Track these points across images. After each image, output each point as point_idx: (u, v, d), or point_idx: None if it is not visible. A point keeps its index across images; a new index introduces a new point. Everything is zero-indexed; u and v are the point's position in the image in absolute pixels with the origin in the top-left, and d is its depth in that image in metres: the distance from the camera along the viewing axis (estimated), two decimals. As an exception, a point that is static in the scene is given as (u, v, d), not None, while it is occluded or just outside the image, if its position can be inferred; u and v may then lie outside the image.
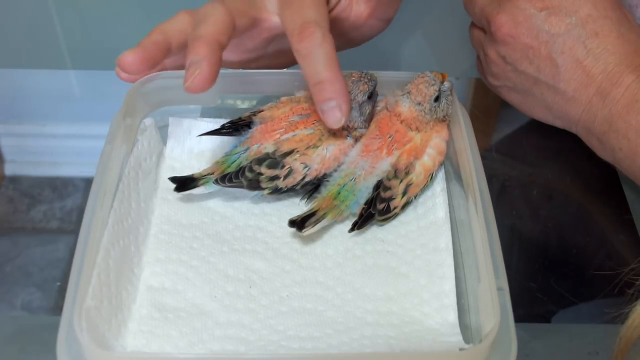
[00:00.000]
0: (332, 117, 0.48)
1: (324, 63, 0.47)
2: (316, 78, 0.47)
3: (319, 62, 0.47)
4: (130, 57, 0.47)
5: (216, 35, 0.47)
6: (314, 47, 0.46)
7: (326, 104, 0.47)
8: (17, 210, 0.58)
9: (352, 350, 0.46)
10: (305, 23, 0.47)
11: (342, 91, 0.47)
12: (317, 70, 0.47)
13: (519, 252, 0.56)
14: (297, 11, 0.48)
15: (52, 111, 0.68)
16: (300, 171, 0.53)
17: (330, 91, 0.47)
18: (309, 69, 0.47)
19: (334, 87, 0.47)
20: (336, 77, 0.47)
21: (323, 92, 0.47)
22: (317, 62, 0.47)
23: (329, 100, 0.47)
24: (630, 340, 0.44)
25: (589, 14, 0.54)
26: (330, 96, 0.47)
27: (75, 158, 0.64)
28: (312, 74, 0.47)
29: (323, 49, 0.46)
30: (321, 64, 0.47)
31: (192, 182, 0.53)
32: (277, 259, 0.52)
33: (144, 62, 0.48)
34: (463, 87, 0.70)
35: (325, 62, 0.47)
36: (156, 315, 0.48)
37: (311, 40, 0.46)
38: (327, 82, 0.47)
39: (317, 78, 0.47)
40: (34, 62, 0.74)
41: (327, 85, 0.47)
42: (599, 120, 0.54)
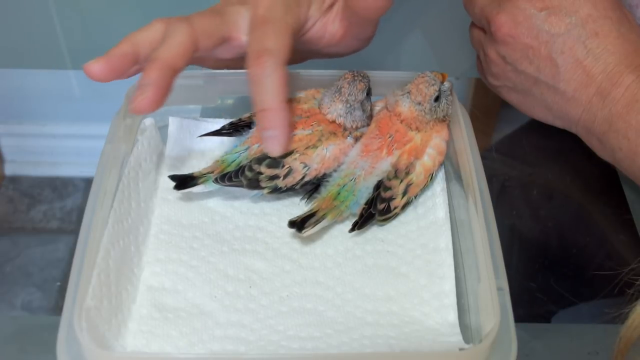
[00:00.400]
0: (270, 146, 0.50)
1: (271, 93, 0.48)
2: (261, 105, 0.49)
3: (266, 91, 0.48)
4: (95, 66, 0.49)
5: (171, 60, 0.48)
6: (263, 76, 0.48)
7: (267, 132, 0.50)
8: (17, 210, 0.58)
9: (352, 350, 0.46)
10: (261, 51, 0.49)
11: (283, 123, 0.49)
12: (263, 98, 0.49)
13: (519, 252, 0.56)
14: (259, 38, 0.50)
15: (52, 111, 0.68)
16: (299, 171, 0.53)
17: (273, 121, 0.49)
18: (257, 95, 0.49)
19: (276, 118, 0.49)
20: (279, 108, 0.49)
21: (266, 120, 0.49)
22: (265, 90, 0.48)
23: (269, 129, 0.49)
24: (630, 341, 0.44)
25: (589, 14, 0.54)
26: (271, 125, 0.49)
27: (75, 158, 0.64)
28: (258, 100, 0.49)
29: (272, 79, 0.48)
30: (268, 93, 0.48)
31: (191, 180, 0.53)
32: (277, 259, 0.52)
33: (110, 72, 0.49)
34: (463, 87, 0.70)
35: (272, 92, 0.48)
36: (156, 315, 0.48)
37: (262, 68, 0.48)
38: (271, 111, 0.49)
39: (262, 105, 0.49)
40: (34, 62, 0.74)
41: (269, 114, 0.49)
42: (599, 120, 0.54)
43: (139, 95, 0.47)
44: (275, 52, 0.49)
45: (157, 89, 0.47)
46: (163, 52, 0.48)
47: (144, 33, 0.50)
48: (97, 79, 0.49)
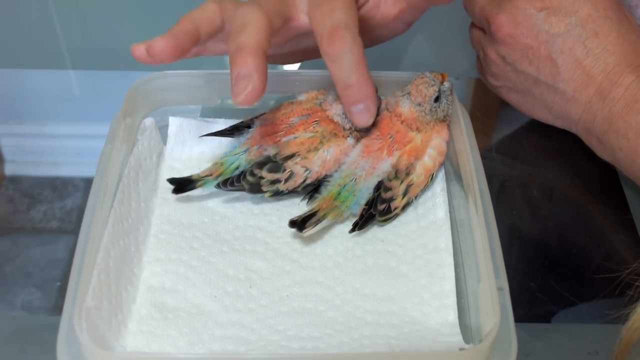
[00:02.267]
0: (361, 119, 0.49)
1: (353, 67, 0.47)
2: (345, 82, 0.47)
3: (348, 66, 0.47)
4: (160, 44, 0.46)
5: (260, 44, 0.46)
6: (343, 51, 0.46)
7: (355, 107, 0.49)
8: (17, 210, 0.58)
9: (352, 350, 0.46)
10: (335, 26, 0.46)
11: (371, 94, 0.48)
12: (346, 74, 0.47)
13: (519, 252, 0.56)
14: (328, 12, 0.47)
15: (52, 111, 0.68)
16: (301, 174, 0.53)
17: (359, 95, 0.48)
18: (338, 72, 0.47)
19: (362, 91, 0.48)
20: (365, 81, 0.48)
21: (352, 95, 0.48)
22: (346, 66, 0.47)
23: (358, 103, 0.48)
24: (630, 342, 0.44)
25: (589, 14, 0.54)
26: (359, 99, 0.48)
27: (75, 158, 0.64)
28: (341, 77, 0.47)
29: (352, 53, 0.46)
30: (350, 68, 0.47)
31: (190, 183, 0.53)
32: (277, 259, 0.52)
33: (175, 50, 0.47)
34: (463, 87, 0.70)
35: (354, 66, 0.47)
36: (156, 315, 0.48)
37: (341, 45, 0.46)
38: (356, 86, 0.47)
39: (346, 82, 0.47)
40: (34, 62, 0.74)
41: (355, 90, 0.48)
42: (599, 120, 0.54)
43: (246, 85, 0.45)
44: (350, 25, 0.46)
45: (260, 76, 0.45)
46: (249, 36, 0.46)
47: (202, 13, 0.48)
48: (160, 58, 0.46)
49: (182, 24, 0.47)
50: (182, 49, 0.47)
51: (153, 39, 0.46)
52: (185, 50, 0.47)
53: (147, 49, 0.46)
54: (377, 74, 0.57)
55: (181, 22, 0.47)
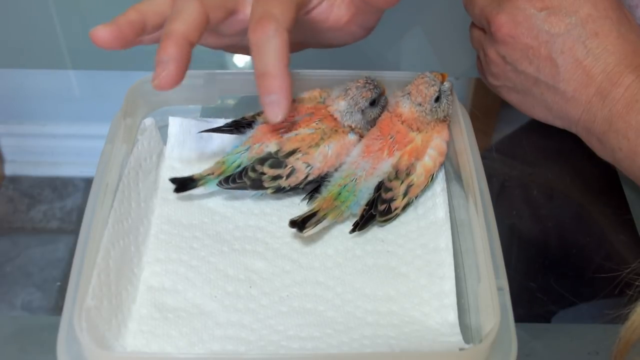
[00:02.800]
0: (270, 112, 0.48)
1: (272, 56, 0.47)
2: (261, 70, 0.47)
3: (267, 55, 0.47)
4: (102, 32, 0.47)
5: (187, 33, 0.47)
6: (265, 39, 0.47)
7: (267, 97, 0.48)
8: (17, 210, 0.58)
9: (352, 350, 0.46)
10: (262, 15, 0.47)
11: (284, 87, 0.47)
12: (263, 62, 0.47)
13: (519, 252, 0.56)
14: (262, 4, 0.48)
15: (52, 111, 0.68)
16: (303, 170, 0.53)
17: (273, 85, 0.47)
18: (257, 60, 0.47)
19: (276, 82, 0.47)
20: (280, 73, 0.47)
21: (266, 85, 0.48)
22: (266, 54, 0.47)
23: (270, 93, 0.48)
24: (630, 342, 0.44)
25: (589, 14, 0.54)
26: (271, 90, 0.47)
27: (75, 158, 0.64)
28: (258, 65, 0.48)
29: (273, 43, 0.47)
30: (269, 57, 0.47)
31: (191, 182, 0.53)
32: (277, 259, 0.52)
33: (116, 40, 0.48)
34: (463, 87, 0.70)
35: (273, 56, 0.47)
36: (156, 315, 0.48)
37: (263, 32, 0.47)
38: (271, 75, 0.47)
39: (262, 70, 0.47)
40: (34, 62, 0.74)
41: (270, 79, 0.47)
42: (599, 120, 0.54)
43: (161, 71, 0.46)
44: (278, 17, 0.47)
45: (178, 63, 0.46)
46: (178, 26, 0.47)
47: (151, 3, 0.49)
48: (102, 45, 0.48)
49: (127, 14, 0.48)
50: (125, 40, 0.48)
51: (98, 26, 0.48)
52: (128, 41, 0.48)
53: (91, 35, 0.47)
54: (378, 74, 0.57)
55: (127, 12, 0.49)
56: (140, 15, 0.49)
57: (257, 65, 0.47)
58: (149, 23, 0.49)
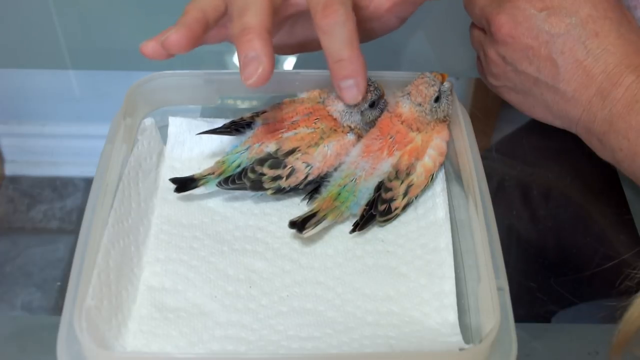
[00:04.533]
0: (349, 94, 0.49)
1: (345, 41, 0.47)
2: (336, 56, 0.47)
3: (340, 40, 0.47)
4: (175, 36, 0.46)
5: (264, 24, 0.46)
6: (336, 24, 0.47)
7: (344, 82, 0.48)
8: (17, 210, 0.58)
9: (352, 350, 0.46)
10: (329, 0, 0.47)
11: (361, 70, 0.48)
12: (337, 48, 0.47)
13: (518, 252, 0.56)
14: None
15: (52, 111, 0.68)
16: (302, 170, 0.53)
17: (350, 69, 0.48)
18: (330, 46, 0.47)
19: (353, 66, 0.47)
20: (356, 56, 0.47)
21: (342, 69, 0.48)
22: (339, 39, 0.47)
23: (348, 78, 0.48)
24: (628, 334, 0.45)
25: (589, 15, 0.54)
26: (349, 74, 0.48)
27: (75, 158, 0.64)
28: (332, 51, 0.47)
29: (345, 27, 0.47)
30: (342, 42, 0.47)
31: (192, 182, 0.53)
32: (277, 259, 0.52)
33: (189, 40, 0.47)
34: (463, 87, 0.70)
35: (346, 41, 0.47)
36: (156, 315, 0.48)
37: (334, 18, 0.46)
38: (347, 60, 0.47)
39: (338, 56, 0.47)
40: (34, 62, 0.74)
41: (346, 64, 0.47)
42: (599, 120, 0.54)
43: (256, 68, 0.45)
44: (344, 1, 0.47)
45: (269, 58, 0.45)
46: (253, 18, 0.46)
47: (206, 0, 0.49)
48: (177, 50, 0.47)
49: (191, 13, 0.48)
50: (196, 38, 0.47)
51: (164, 33, 0.47)
52: (199, 38, 0.47)
53: (163, 43, 0.46)
54: (378, 74, 0.57)
55: (190, 11, 0.48)
56: (202, 13, 0.48)
57: (330, 52, 0.47)
58: (210, 18, 0.48)
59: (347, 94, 0.49)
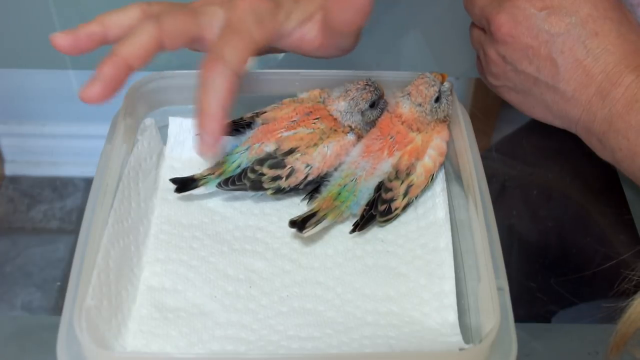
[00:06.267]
0: (200, 147, 0.50)
1: (213, 97, 0.49)
2: (202, 107, 0.49)
3: (209, 94, 0.49)
4: (60, 39, 0.50)
5: (129, 58, 0.49)
6: (211, 79, 0.49)
7: (201, 131, 0.49)
8: (17, 210, 0.58)
9: (352, 350, 0.46)
10: (216, 57, 0.49)
11: (216, 129, 0.49)
12: (205, 101, 0.49)
13: (518, 252, 0.56)
14: (220, 45, 0.50)
15: (52, 111, 0.68)
16: (302, 170, 0.53)
17: (208, 125, 0.49)
18: (201, 97, 0.49)
19: (212, 123, 0.49)
20: (216, 115, 0.49)
21: (203, 122, 0.49)
22: (209, 93, 0.49)
23: (204, 132, 0.49)
24: (626, 334, 0.45)
25: (589, 14, 0.54)
26: (206, 129, 0.49)
27: (75, 158, 0.64)
28: (201, 101, 0.49)
29: (217, 85, 0.49)
30: (210, 97, 0.49)
31: (192, 182, 0.53)
32: (277, 259, 0.52)
33: (71, 48, 0.50)
34: (463, 87, 0.70)
35: (214, 97, 0.49)
36: (156, 315, 0.48)
37: (211, 73, 0.49)
38: (209, 116, 0.49)
39: (203, 108, 0.49)
40: (34, 62, 0.73)
41: (207, 118, 0.49)
42: (599, 120, 0.54)
43: (90, 86, 0.48)
44: (229, 62, 0.49)
45: (107, 85, 0.48)
46: (124, 49, 0.49)
47: (118, 16, 0.51)
48: (61, 51, 0.50)
49: (90, 25, 0.51)
50: (81, 49, 0.50)
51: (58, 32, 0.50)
52: (84, 49, 0.50)
53: (51, 39, 0.50)
54: (378, 74, 0.57)
55: (91, 23, 0.51)
56: (102, 27, 0.51)
57: (199, 102, 0.49)
58: (110, 35, 0.51)
59: (200, 145, 0.50)
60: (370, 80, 0.55)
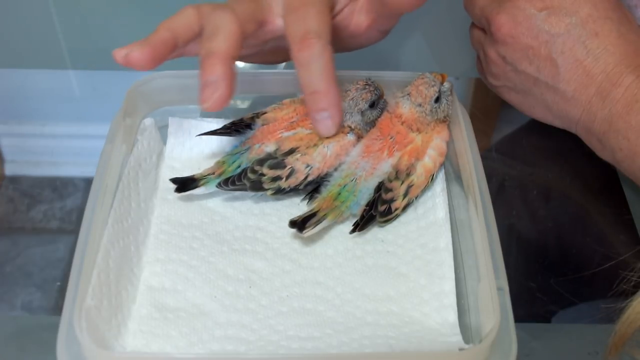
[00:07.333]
0: (323, 127, 0.50)
1: (321, 74, 0.48)
2: (312, 88, 0.48)
3: (315, 73, 0.48)
4: (137, 54, 0.48)
5: (229, 51, 0.47)
6: (312, 58, 0.48)
7: (319, 114, 0.49)
8: (17, 210, 0.58)
9: (352, 350, 0.46)
10: (306, 32, 0.48)
11: (335, 103, 0.49)
12: (313, 81, 0.48)
13: (518, 252, 0.56)
14: (301, 19, 0.49)
15: (52, 111, 0.68)
16: (302, 171, 0.53)
17: (324, 102, 0.48)
18: (306, 78, 0.48)
19: (327, 99, 0.48)
20: (331, 89, 0.48)
21: (317, 102, 0.49)
22: (314, 72, 0.48)
23: (323, 110, 0.49)
24: (625, 335, 0.45)
25: (589, 14, 0.54)
26: (323, 107, 0.49)
27: (75, 158, 0.64)
28: (308, 83, 0.48)
29: (321, 60, 0.48)
30: (318, 75, 0.48)
31: (192, 182, 0.53)
32: (277, 259, 0.52)
33: (152, 60, 0.48)
34: (463, 87, 0.70)
35: (321, 73, 0.48)
36: (156, 315, 0.48)
37: (310, 51, 0.47)
38: (322, 93, 0.48)
39: (313, 88, 0.48)
40: (34, 62, 0.74)
41: (321, 96, 0.48)
42: (599, 120, 0.54)
43: (212, 92, 0.46)
44: (321, 33, 0.48)
45: (227, 84, 0.47)
46: (219, 43, 0.47)
47: (179, 19, 0.50)
48: (138, 67, 0.48)
49: (159, 33, 0.49)
50: (160, 58, 0.48)
51: (131, 46, 0.48)
52: (163, 58, 0.49)
53: (126, 57, 0.47)
54: (378, 74, 0.57)
55: (159, 30, 0.49)
56: (171, 33, 0.49)
57: (306, 84, 0.48)
58: (180, 39, 0.49)
59: (321, 126, 0.49)
60: (370, 80, 0.55)
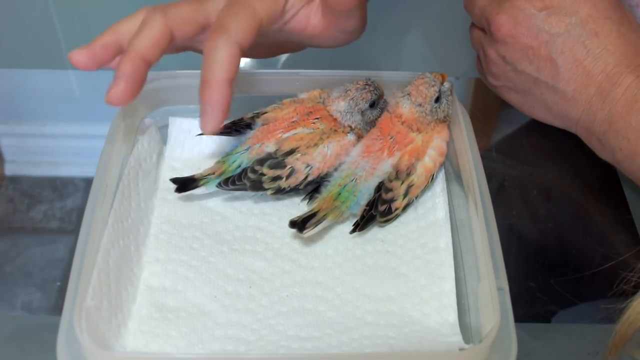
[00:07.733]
0: (202, 122, 0.49)
1: (216, 67, 0.48)
2: (204, 78, 0.48)
3: (212, 65, 0.48)
4: (78, 56, 0.50)
5: (143, 51, 0.48)
6: (214, 50, 0.48)
7: (204, 106, 0.48)
8: (17, 210, 0.58)
9: (352, 350, 0.46)
10: (220, 27, 0.49)
11: (220, 101, 0.48)
12: (208, 71, 0.48)
13: (518, 252, 0.56)
14: (221, 17, 0.50)
15: (52, 111, 0.68)
16: (302, 171, 0.53)
17: (210, 97, 0.48)
18: (203, 68, 0.48)
19: (215, 94, 0.48)
20: (220, 85, 0.48)
21: (206, 93, 0.48)
22: (211, 64, 0.48)
23: (207, 104, 0.48)
24: (625, 335, 0.45)
25: (589, 14, 0.54)
26: (209, 99, 0.48)
27: (75, 158, 0.64)
28: (203, 73, 0.48)
29: (220, 54, 0.48)
30: (213, 67, 0.48)
31: (192, 182, 0.53)
32: (277, 259, 0.52)
33: (92, 62, 0.50)
34: (463, 87, 0.70)
35: (217, 66, 0.48)
36: (156, 315, 0.48)
37: (214, 42, 0.48)
38: (212, 86, 0.48)
39: (205, 78, 0.48)
40: (34, 62, 0.74)
41: (209, 89, 0.48)
42: (599, 120, 0.54)
43: (113, 87, 0.48)
44: (231, 31, 0.48)
45: (130, 81, 0.48)
46: (136, 44, 0.49)
47: (128, 22, 0.51)
48: (81, 68, 0.50)
49: (104, 36, 0.51)
50: (100, 62, 0.50)
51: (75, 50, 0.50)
52: (104, 62, 0.50)
53: (69, 58, 0.50)
54: (378, 74, 0.57)
55: (105, 34, 0.51)
56: (116, 36, 0.51)
57: (202, 73, 0.48)
58: (125, 42, 0.50)
59: (202, 120, 0.48)
60: (370, 80, 0.55)
